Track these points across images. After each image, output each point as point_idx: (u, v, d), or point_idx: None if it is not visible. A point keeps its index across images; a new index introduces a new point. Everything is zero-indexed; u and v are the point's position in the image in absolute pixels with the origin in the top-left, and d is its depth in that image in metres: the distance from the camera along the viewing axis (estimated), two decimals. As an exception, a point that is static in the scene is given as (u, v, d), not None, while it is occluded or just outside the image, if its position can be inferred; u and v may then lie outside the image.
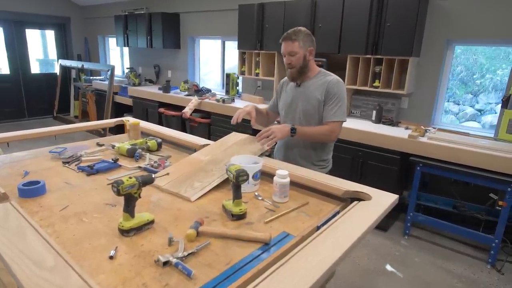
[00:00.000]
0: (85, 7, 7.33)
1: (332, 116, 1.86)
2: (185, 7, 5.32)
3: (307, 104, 1.92)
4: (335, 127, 1.87)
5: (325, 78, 1.90)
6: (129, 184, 1.16)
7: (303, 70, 1.90)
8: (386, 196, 1.47)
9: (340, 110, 1.86)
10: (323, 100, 1.87)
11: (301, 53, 1.86)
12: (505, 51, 4.27)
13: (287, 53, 1.87)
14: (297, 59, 1.86)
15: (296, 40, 1.83)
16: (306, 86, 1.94)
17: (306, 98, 1.93)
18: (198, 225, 1.22)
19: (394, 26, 3.04)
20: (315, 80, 1.93)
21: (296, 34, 1.84)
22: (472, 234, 2.75)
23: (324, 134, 1.87)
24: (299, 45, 1.84)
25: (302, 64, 1.88)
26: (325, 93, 1.86)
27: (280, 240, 1.22)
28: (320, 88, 1.88)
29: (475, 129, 3.52)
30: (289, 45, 1.85)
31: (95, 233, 1.20)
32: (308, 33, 1.89)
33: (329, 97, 1.86)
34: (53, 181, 1.62)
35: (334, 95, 1.85)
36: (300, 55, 1.86)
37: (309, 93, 1.92)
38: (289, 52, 1.86)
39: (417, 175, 2.87)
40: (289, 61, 1.88)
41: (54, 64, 7.43)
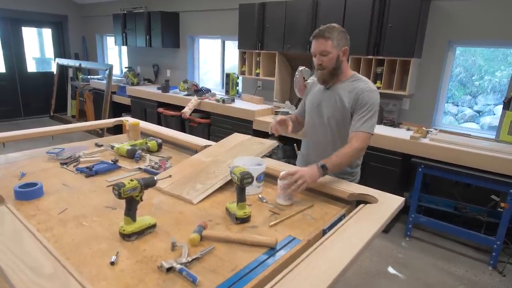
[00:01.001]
0: (83, 5, 7.26)
1: (360, 127, 1.64)
2: (185, 6, 5.28)
3: (335, 109, 1.73)
4: (363, 141, 1.63)
5: (356, 84, 1.70)
6: (130, 187, 1.13)
7: (335, 72, 1.71)
8: (392, 199, 1.45)
9: (370, 122, 1.64)
10: (351, 108, 1.68)
11: (334, 53, 1.65)
12: (504, 52, 4.27)
13: (318, 53, 1.67)
14: (329, 60, 1.66)
15: (329, 38, 1.62)
16: (335, 89, 1.75)
17: (334, 103, 1.74)
18: (201, 229, 1.19)
19: (396, 27, 3.02)
20: (346, 84, 1.73)
21: (330, 31, 1.63)
22: (474, 235, 2.73)
23: (353, 155, 1.63)
24: (333, 44, 1.63)
25: (334, 66, 1.68)
26: (354, 101, 1.67)
27: (286, 244, 1.19)
28: (350, 94, 1.69)
29: (475, 130, 3.51)
30: (321, 44, 1.64)
31: (95, 237, 1.16)
32: (343, 30, 1.68)
33: (359, 106, 1.66)
34: (50, 183, 1.58)
35: (365, 104, 1.65)
36: (333, 56, 1.65)
37: (338, 98, 1.72)
38: (321, 52, 1.65)
39: (419, 176, 2.85)
40: (320, 62, 1.68)
41: (51, 62, 7.36)
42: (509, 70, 4.66)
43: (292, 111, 3.89)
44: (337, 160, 1.57)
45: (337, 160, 1.57)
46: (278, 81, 4.08)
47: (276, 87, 4.09)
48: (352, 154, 1.62)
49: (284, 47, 3.80)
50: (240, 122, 3.98)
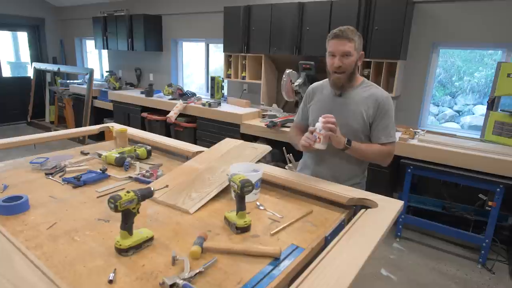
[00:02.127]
0: (61, 8, 7.04)
1: (388, 137, 1.62)
2: (168, 9, 5.20)
3: (351, 118, 1.64)
4: (392, 150, 1.63)
5: (371, 91, 1.65)
6: (127, 199, 1.07)
7: (352, 78, 1.63)
8: (391, 203, 1.44)
9: (394, 129, 1.65)
10: (372, 117, 1.62)
11: (355, 56, 1.57)
12: (480, 54, 4.42)
13: (340, 54, 1.56)
14: (350, 63, 1.57)
15: (352, 40, 1.54)
16: (349, 96, 1.66)
17: (349, 111, 1.65)
18: (202, 241, 1.14)
19: (382, 30, 3.06)
20: (359, 90, 1.66)
21: (352, 33, 1.55)
22: (463, 234, 2.78)
23: (381, 155, 1.62)
24: (354, 47, 1.55)
25: (352, 70, 1.60)
26: (374, 110, 1.61)
27: (290, 253, 1.15)
28: (367, 102, 1.62)
29: (459, 130, 3.59)
30: (344, 44, 1.54)
31: (89, 253, 1.10)
32: (360, 34, 1.62)
33: (380, 114, 1.61)
34: (36, 196, 1.49)
35: (386, 112, 1.61)
36: (353, 59, 1.58)
37: (353, 106, 1.64)
38: (343, 53, 1.55)
39: (408, 177, 2.89)
40: (340, 64, 1.56)
41: (27, 67, 7.09)
42: (486, 71, 4.83)
43: (280, 113, 3.88)
44: (364, 147, 1.59)
45: (364, 148, 1.59)
46: (265, 84, 4.06)
47: (263, 90, 4.07)
48: (379, 153, 1.62)
49: (270, 50, 3.79)
50: (227, 126, 3.93)
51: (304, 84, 3.59)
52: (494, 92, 2.84)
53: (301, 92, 3.61)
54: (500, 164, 2.50)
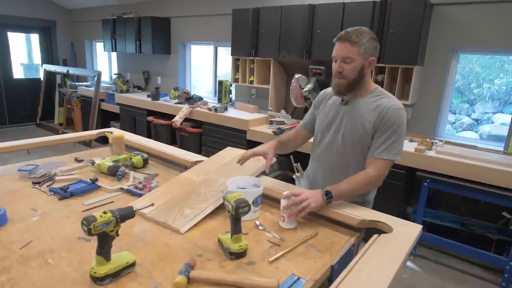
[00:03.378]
0: (72, 11, 7.06)
1: (381, 153, 1.40)
2: (176, 11, 5.12)
3: (351, 128, 1.47)
4: (381, 168, 1.40)
5: (380, 101, 1.45)
6: (103, 221, 0.94)
7: (356, 85, 1.45)
8: (409, 227, 1.27)
9: (394, 146, 1.41)
10: (374, 128, 1.43)
11: (358, 62, 1.40)
12: (500, 60, 4.19)
13: (340, 58, 1.42)
14: (352, 69, 1.41)
15: (357, 44, 1.37)
16: (355, 105, 1.49)
17: (353, 121, 1.48)
18: (189, 269, 0.99)
19: (397, 33, 2.88)
20: (367, 100, 1.47)
21: (358, 36, 1.37)
22: (484, 255, 2.57)
23: (368, 184, 1.42)
24: (359, 51, 1.38)
25: (356, 77, 1.42)
26: (377, 121, 1.42)
27: (290, 286, 1.00)
28: (373, 113, 1.43)
29: (480, 141, 3.38)
30: (345, 48, 1.39)
31: (61, 280, 0.97)
32: (374, 37, 1.42)
33: (383, 127, 1.41)
34: (17, 208, 1.38)
35: (390, 125, 1.40)
36: (356, 65, 1.40)
37: (358, 116, 1.46)
38: (344, 58, 1.40)
39: (424, 191, 2.69)
40: (340, 69, 1.42)
41: (38, 69, 7.12)
42: (507, 78, 4.58)
43: (288, 120, 3.73)
44: (346, 188, 1.37)
45: (346, 188, 1.37)
46: (273, 89, 3.92)
47: (271, 95, 3.92)
48: (366, 183, 1.40)
49: (279, 54, 3.65)
50: (233, 132, 3.79)
51: (314, 90, 3.43)
52: (520, 101, 2.62)
53: (310, 98, 3.45)
54: (526, 180, 2.29)
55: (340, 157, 1.52)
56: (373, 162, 1.42)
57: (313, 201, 1.30)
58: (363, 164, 1.47)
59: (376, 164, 1.41)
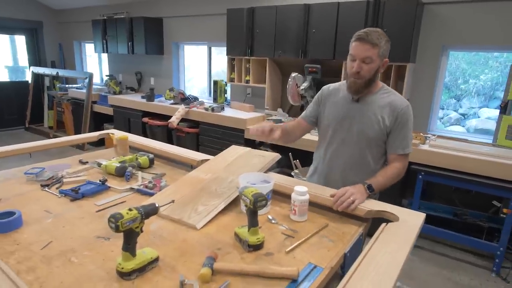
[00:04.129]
0: (59, 11, 6.96)
1: (404, 148, 1.54)
2: (169, 11, 5.11)
3: (366, 125, 1.56)
4: (405, 162, 1.56)
5: (390, 98, 1.55)
6: (129, 218, 0.97)
7: (370, 84, 1.53)
8: (413, 216, 1.34)
9: (409, 140, 1.57)
10: (390, 125, 1.53)
11: (376, 63, 1.46)
12: (485, 56, 4.34)
13: (360, 58, 1.46)
14: (370, 69, 1.47)
15: (377, 46, 1.43)
16: (366, 102, 1.57)
17: (365, 118, 1.57)
18: (212, 262, 1.03)
19: (391, 32, 2.94)
20: (377, 97, 1.57)
21: (379, 38, 1.43)
22: (476, 242, 2.68)
23: (398, 175, 1.54)
24: (378, 53, 1.44)
25: (371, 77, 1.50)
26: (393, 119, 1.52)
27: (308, 274, 1.05)
28: (385, 109, 1.54)
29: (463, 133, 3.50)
30: (367, 50, 1.43)
31: (88, 277, 0.99)
32: (388, 39, 1.49)
33: (399, 124, 1.52)
34: (30, 210, 1.39)
35: (405, 122, 1.52)
36: (375, 65, 1.46)
37: (370, 113, 1.55)
38: (364, 58, 1.45)
39: (419, 183, 2.79)
40: (359, 69, 1.47)
41: (25, 71, 6.99)
42: (492, 74, 4.74)
43: (285, 118, 3.79)
44: (383, 181, 1.49)
45: (383, 182, 1.49)
46: (269, 88, 3.97)
47: (267, 94, 3.97)
48: (396, 175, 1.54)
49: (275, 53, 3.70)
50: (231, 131, 3.83)
51: (310, 88, 3.50)
52: (507, 96, 2.74)
53: (307, 96, 3.52)
54: (515, 170, 2.40)
55: (357, 152, 1.61)
56: (397, 158, 1.56)
57: (360, 195, 1.40)
58: (378, 157, 1.59)
59: (400, 159, 1.56)
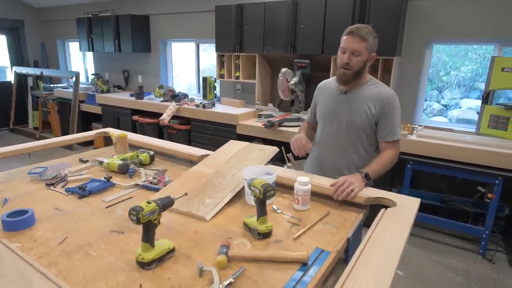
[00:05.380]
0: (41, 9, 6.79)
1: (393, 135, 1.66)
2: (155, 9, 5.08)
3: (354, 115, 1.68)
4: (397, 148, 1.68)
5: (377, 89, 1.67)
6: (149, 210, 1.02)
7: (358, 76, 1.65)
8: (409, 201, 1.44)
9: (398, 127, 1.68)
10: (377, 115, 1.65)
11: (365, 56, 1.59)
12: (465, 48, 4.52)
13: (349, 50, 1.58)
14: (358, 62, 1.59)
15: (366, 40, 1.56)
16: (354, 94, 1.69)
17: (353, 108, 1.68)
18: (226, 250, 1.10)
19: (377, 26, 3.01)
20: (365, 88, 1.68)
21: (368, 33, 1.56)
22: (463, 227, 2.82)
23: (392, 162, 1.65)
24: (367, 47, 1.57)
25: (359, 69, 1.62)
26: (380, 108, 1.64)
27: (317, 257, 1.12)
28: (372, 100, 1.65)
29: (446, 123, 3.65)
30: (356, 43, 1.56)
31: (109, 268, 1.04)
32: (376, 36, 1.63)
33: (386, 113, 1.64)
34: (39, 208, 1.41)
35: (393, 109, 1.64)
36: (363, 58, 1.59)
37: (358, 103, 1.67)
38: (354, 51, 1.57)
39: (408, 172, 2.91)
40: (348, 60, 1.59)
41: (6, 71, 6.81)
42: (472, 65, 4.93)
43: (276, 113, 3.85)
44: (377, 168, 1.60)
45: (377, 169, 1.60)
46: (259, 83, 4.02)
47: (258, 89, 4.03)
48: (389, 162, 1.65)
49: (264, 49, 3.75)
50: (223, 127, 3.87)
51: (299, 83, 3.57)
52: (489, 87, 2.88)
53: (297, 90, 3.59)
54: (498, 156, 2.54)
55: (348, 140, 1.72)
56: (388, 145, 1.67)
57: (358, 184, 1.48)
58: (369, 145, 1.69)
59: (391, 146, 1.67)
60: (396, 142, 1.68)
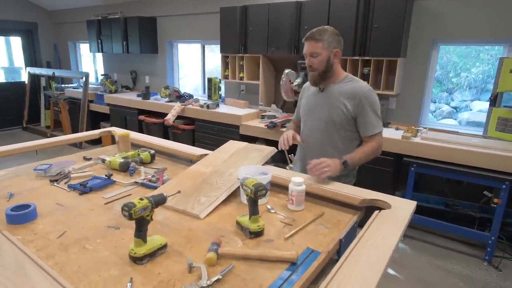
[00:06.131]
0: (54, 12, 6.96)
1: (373, 129, 1.72)
2: (163, 10, 5.16)
3: (332, 111, 1.76)
4: (379, 140, 1.74)
5: (352, 85, 1.74)
6: (141, 206, 1.04)
7: (326, 75, 1.74)
8: (404, 203, 1.43)
9: (378, 120, 1.74)
10: (354, 110, 1.72)
11: (324, 55, 1.69)
12: (476, 49, 4.43)
13: (308, 54, 1.72)
14: (320, 62, 1.70)
15: (320, 40, 1.67)
16: (330, 91, 1.78)
17: (330, 105, 1.77)
18: (217, 247, 1.12)
19: (381, 27, 3.06)
20: (340, 85, 1.76)
21: (320, 33, 1.68)
22: (468, 232, 2.78)
23: (373, 153, 1.73)
24: (323, 46, 1.68)
25: (324, 68, 1.72)
26: (356, 103, 1.71)
27: (306, 257, 1.14)
28: (347, 96, 1.72)
29: (461, 127, 3.60)
30: (311, 45, 1.69)
31: (103, 262, 1.07)
32: (336, 32, 1.72)
33: (364, 107, 1.70)
34: (42, 203, 1.46)
35: (369, 104, 1.70)
36: (323, 57, 1.69)
37: (334, 100, 1.75)
38: (311, 53, 1.70)
39: (411, 175, 2.89)
40: (310, 63, 1.73)
41: (20, 72, 6.99)
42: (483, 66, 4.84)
43: (279, 114, 3.87)
44: (358, 157, 1.68)
45: (358, 157, 1.68)
46: (263, 84, 4.04)
47: (261, 90, 4.05)
48: (370, 152, 1.72)
49: (268, 50, 3.77)
50: (226, 127, 3.91)
51: (303, 84, 3.57)
52: (497, 88, 2.84)
53: (300, 91, 3.60)
54: (505, 160, 2.50)
55: (327, 137, 1.80)
56: (369, 139, 1.74)
57: (333, 168, 1.57)
58: (348, 141, 1.78)
59: (373, 139, 1.74)
60: (376, 135, 1.75)
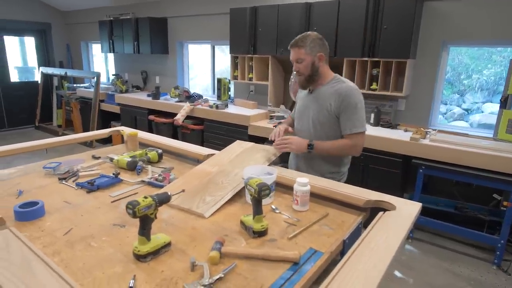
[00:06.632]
0: (67, 13, 7.09)
1: (351, 128, 1.76)
2: (173, 11, 5.21)
3: (319, 112, 1.84)
4: (357, 140, 1.78)
5: (337, 85, 1.80)
6: (145, 204, 1.06)
7: (313, 78, 1.83)
8: (410, 205, 1.42)
9: (359, 120, 1.76)
10: (336, 110, 1.78)
11: (308, 60, 1.77)
12: (489, 51, 4.35)
13: (294, 60, 1.82)
14: (305, 67, 1.79)
15: (302, 47, 1.77)
16: (318, 93, 1.86)
17: (317, 106, 1.85)
18: (220, 246, 1.12)
19: (391, 29, 3.03)
20: (327, 87, 1.84)
21: (303, 40, 1.77)
22: (477, 235, 2.74)
23: (345, 149, 1.80)
24: (305, 52, 1.76)
25: (310, 72, 1.80)
26: (338, 103, 1.76)
27: (309, 258, 1.14)
28: (332, 96, 1.79)
29: (471, 129, 3.54)
30: (295, 52, 1.79)
31: (107, 259, 1.09)
32: (318, 37, 1.80)
33: (345, 106, 1.75)
34: (50, 201, 1.49)
35: (349, 104, 1.74)
36: (307, 62, 1.78)
37: (321, 101, 1.83)
38: (296, 59, 1.80)
39: (420, 177, 2.85)
40: (296, 69, 1.83)
41: (34, 71, 7.14)
42: (495, 68, 4.75)
43: (287, 114, 3.86)
44: (327, 145, 1.79)
45: (327, 146, 1.79)
46: (272, 85, 4.05)
47: (270, 91, 4.05)
48: (343, 147, 1.79)
49: (277, 51, 3.77)
50: (235, 127, 3.92)
51: (312, 85, 3.56)
52: (507, 90, 2.79)
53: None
54: (514, 163, 2.46)
55: (314, 137, 1.86)
56: (347, 137, 1.80)
57: (295, 144, 1.81)
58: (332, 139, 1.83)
59: (350, 138, 1.78)
60: (355, 135, 1.77)
